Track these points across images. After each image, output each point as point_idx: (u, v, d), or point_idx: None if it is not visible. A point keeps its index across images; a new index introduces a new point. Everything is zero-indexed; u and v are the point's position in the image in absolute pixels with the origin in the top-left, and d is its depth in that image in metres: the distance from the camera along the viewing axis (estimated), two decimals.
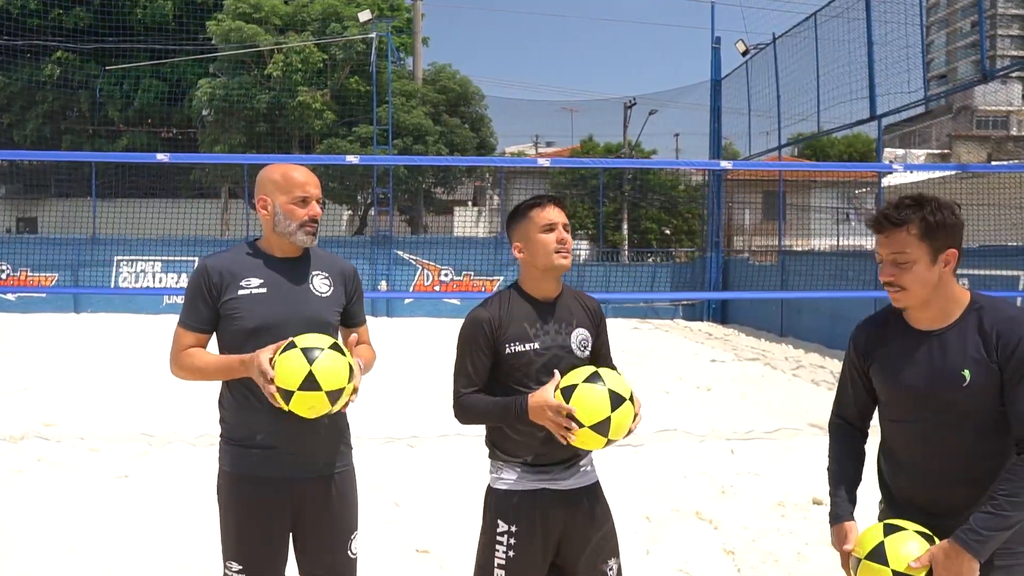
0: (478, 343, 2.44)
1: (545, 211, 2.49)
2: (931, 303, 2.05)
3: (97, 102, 25.10)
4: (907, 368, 2.06)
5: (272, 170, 2.53)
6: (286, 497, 2.45)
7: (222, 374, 2.43)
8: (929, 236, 1.99)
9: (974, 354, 1.97)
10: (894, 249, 2.02)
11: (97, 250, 18.17)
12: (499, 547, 2.41)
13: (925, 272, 2.00)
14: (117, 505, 4.95)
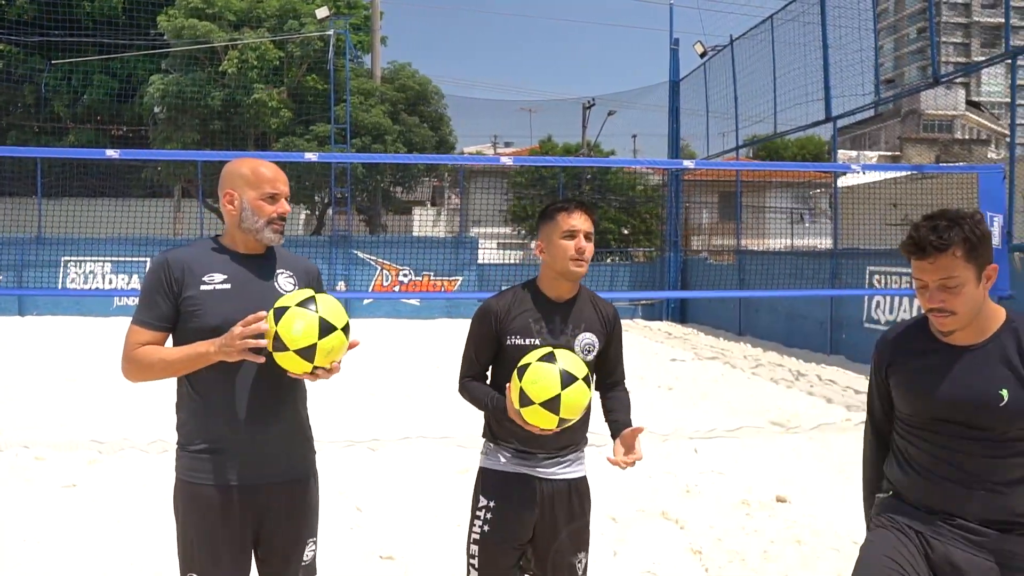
0: (483, 332, 2.59)
1: (571, 217, 2.56)
2: (972, 322, 2.01)
3: (42, 97, 24.31)
4: (940, 383, 2.02)
5: (240, 164, 2.43)
6: (247, 504, 2.34)
7: (189, 364, 2.27)
8: (973, 255, 1.93)
9: (1013, 371, 1.95)
10: (942, 275, 1.94)
11: (43, 250, 17.58)
12: (477, 521, 2.57)
13: (974, 292, 1.95)
14: (64, 516, 4.74)
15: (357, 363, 11.03)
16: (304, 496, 2.46)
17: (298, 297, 2.23)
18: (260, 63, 21.74)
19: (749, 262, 16.09)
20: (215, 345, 2.21)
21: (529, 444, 2.53)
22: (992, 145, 44.34)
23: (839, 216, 13.78)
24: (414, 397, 8.70)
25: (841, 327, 12.34)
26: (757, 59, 15.52)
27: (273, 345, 2.18)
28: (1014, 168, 8.87)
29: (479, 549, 2.55)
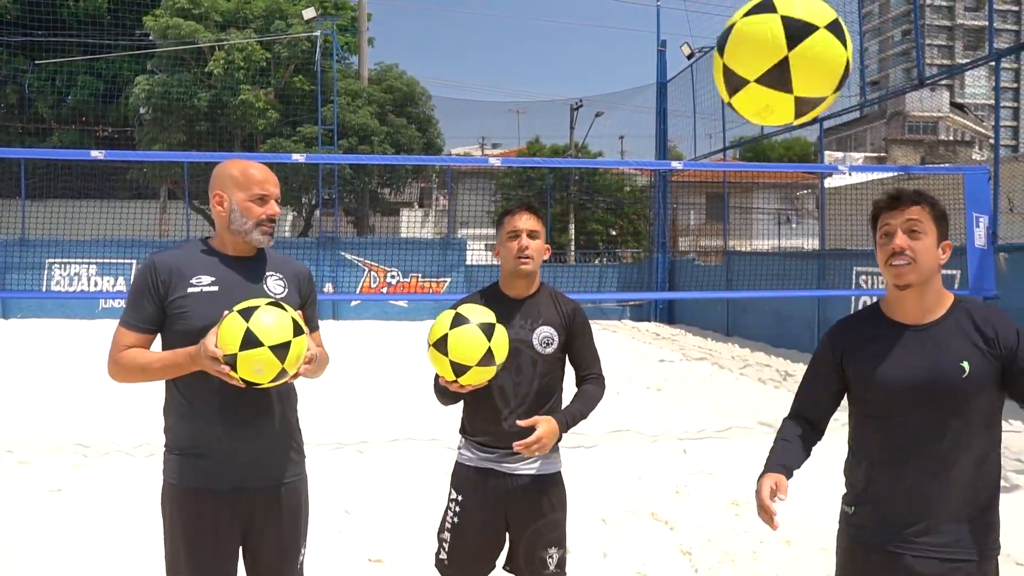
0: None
1: (514, 218, 2.72)
2: (926, 292, 2.05)
3: (26, 98, 24.10)
4: (899, 363, 2.04)
5: (230, 165, 2.42)
6: (235, 509, 2.33)
7: (167, 371, 2.27)
8: (938, 219, 2.05)
9: (972, 346, 1.99)
10: (910, 216, 2.03)
11: (27, 253, 17.42)
12: (449, 512, 2.72)
13: (932, 247, 2.03)
14: (49, 520, 4.69)
15: (346, 365, 11.00)
16: (291, 501, 2.44)
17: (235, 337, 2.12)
18: (247, 64, 21.65)
19: (736, 263, 16.16)
20: (189, 357, 2.20)
21: (492, 439, 2.66)
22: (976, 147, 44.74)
23: (825, 217, 13.85)
24: (403, 399, 8.67)
25: (828, 327, 12.38)
26: None
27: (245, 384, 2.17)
28: (998, 169, 8.94)
29: (450, 536, 2.69)
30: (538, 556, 2.66)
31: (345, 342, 14.11)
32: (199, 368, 2.19)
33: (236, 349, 2.11)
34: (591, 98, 27.65)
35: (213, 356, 2.12)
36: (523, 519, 2.66)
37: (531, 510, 2.67)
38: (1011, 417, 7.98)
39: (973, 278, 7.49)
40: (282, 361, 2.14)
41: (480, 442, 2.69)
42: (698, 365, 11.89)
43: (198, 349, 2.17)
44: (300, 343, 2.19)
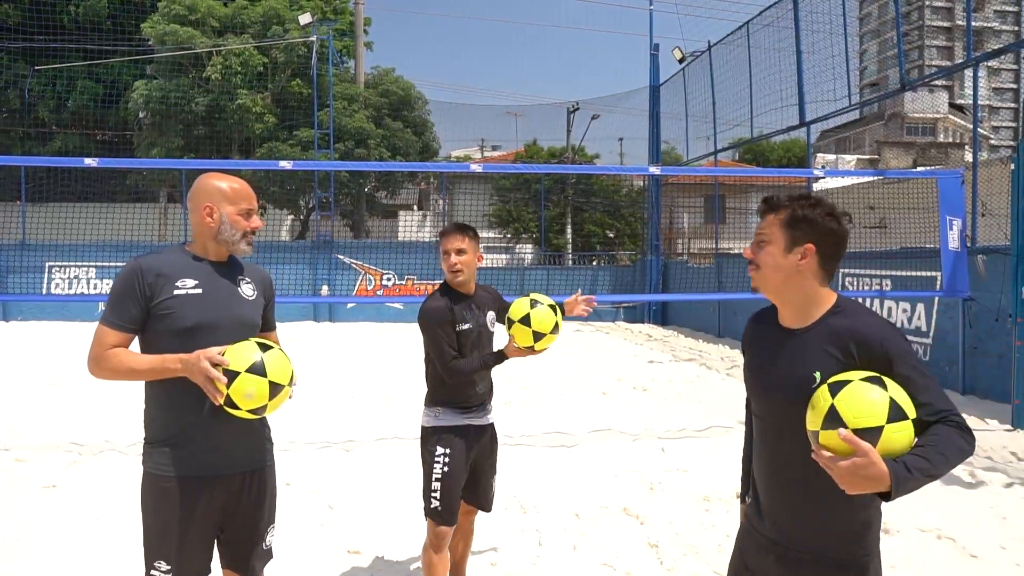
0: (445, 324, 3.37)
1: (445, 240, 3.45)
2: (787, 297, 2.07)
3: (26, 102, 24.33)
4: (767, 365, 2.09)
5: (217, 179, 2.61)
6: (211, 494, 2.51)
7: (156, 374, 2.44)
8: (790, 225, 2.03)
9: (827, 358, 1.95)
10: (760, 230, 2.10)
11: (27, 256, 17.63)
12: (436, 465, 3.38)
13: (777, 255, 2.04)
14: (43, 515, 4.87)
15: (338, 367, 11.18)
16: (263, 485, 2.64)
17: (246, 358, 2.37)
18: (244, 69, 21.85)
19: (727, 265, 16.32)
20: (182, 363, 2.38)
21: (469, 400, 3.45)
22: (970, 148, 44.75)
23: None
24: (393, 400, 8.84)
25: None
26: (734, 64, 15.76)
27: (225, 402, 2.36)
28: (976, 173, 9.11)
29: (440, 484, 3.36)
30: (491, 485, 3.64)
31: (339, 344, 14.28)
32: (188, 375, 2.37)
33: (242, 369, 2.34)
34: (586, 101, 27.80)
35: (216, 363, 2.32)
36: (484, 457, 3.56)
37: (490, 450, 3.60)
38: (987, 416, 8.15)
39: (947, 280, 7.66)
40: (270, 398, 2.38)
41: (461, 405, 3.44)
42: (687, 366, 12.05)
43: (195, 357, 2.35)
44: (286, 394, 2.45)
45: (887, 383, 1.83)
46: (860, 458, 1.72)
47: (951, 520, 4.98)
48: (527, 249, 27.90)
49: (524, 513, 5.04)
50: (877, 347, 1.91)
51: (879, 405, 1.78)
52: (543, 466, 6.14)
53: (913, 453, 1.76)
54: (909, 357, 1.90)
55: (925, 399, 1.85)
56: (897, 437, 1.77)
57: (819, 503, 1.96)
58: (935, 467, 1.75)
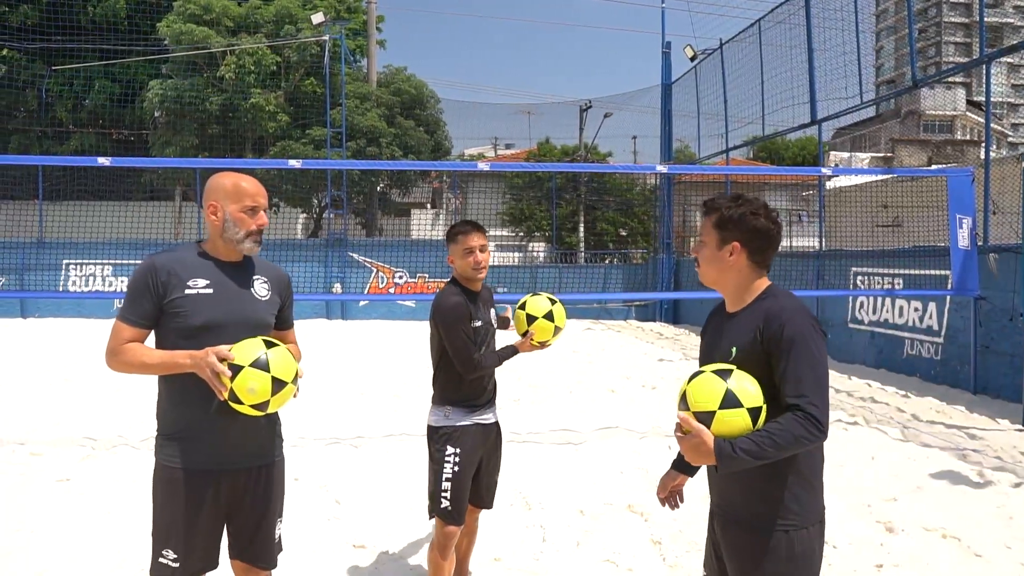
0: (465, 319, 3.39)
1: (468, 237, 3.46)
2: (724, 286, 2.36)
3: (43, 102, 24.61)
4: (709, 344, 2.41)
5: (223, 178, 2.66)
6: (222, 486, 2.58)
7: (166, 369, 2.51)
8: (719, 226, 2.32)
9: (746, 335, 2.22)
10: (700, 230, 2.41)
11: (44, 254, 17.84)
12: (447, 465, 3.40)
13: (710, 254, 2.34)
14: (56, 508, 4.96)
15: (349, 364, 11.26)
16: (271, 478, 2.70)
17: (251, 354, 2.44)
18: (257, 68, 22.00)
19: None
20: (191, 359, 2.45)
21: (477, 399, 3.49)
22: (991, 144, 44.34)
23: (823, 217, 13.96)
24: (403, 397, 8.90)
25: (825, 327, 12.51)
26: (746, 62, 15.71)
27: (230, 396, 2.43)
28: (988, 170, 9.05)
29: (451, 485, 3.38)
30: (494, 482, 3.68)
31: (351, 341, 14.38)
32: (196, 370, 2.44)
33: (245, 363, 2.41)
34: (598, 99, 27.77)
35: (222, 358, 2.38)
36: (490, 456, 3.60)
37: (495, 449, 3.64)
38: (998, 416, 8.12)
39: (956, 279, 7.62)
40: (272, 394, 2.44)
41: (471, 404, 3.47)
42: (696, 364, 12.02)
43: (203, 352, 2.42)
44: (290, 392, 2.50)
45: (735, 376, 2.15)
46: (695, 436, 2.11)
47: (957, 519, 4.98)
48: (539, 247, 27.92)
49: (529, 509, 5.08)
50: (776, 327, 2.16)
51: (715, 393, 2.11)
52: (549, 463, 6.18)
53: (747, 436, 2.07)
54: (797, 346, 2.13)
55: (788, 388, 2.12)
56: (729, 421, 2.10)
57: (742, 475, 2.18)
58: (762, 450, 2.05)
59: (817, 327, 2.19)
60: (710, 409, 2.11)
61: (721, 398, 2.11)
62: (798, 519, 2.17)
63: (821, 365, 2.15)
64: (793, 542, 2.16)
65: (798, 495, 2.18)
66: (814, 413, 2.08)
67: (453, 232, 3.51)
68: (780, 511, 2.17)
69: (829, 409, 2.18)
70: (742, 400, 2.11)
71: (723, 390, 2.12)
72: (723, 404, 2.10)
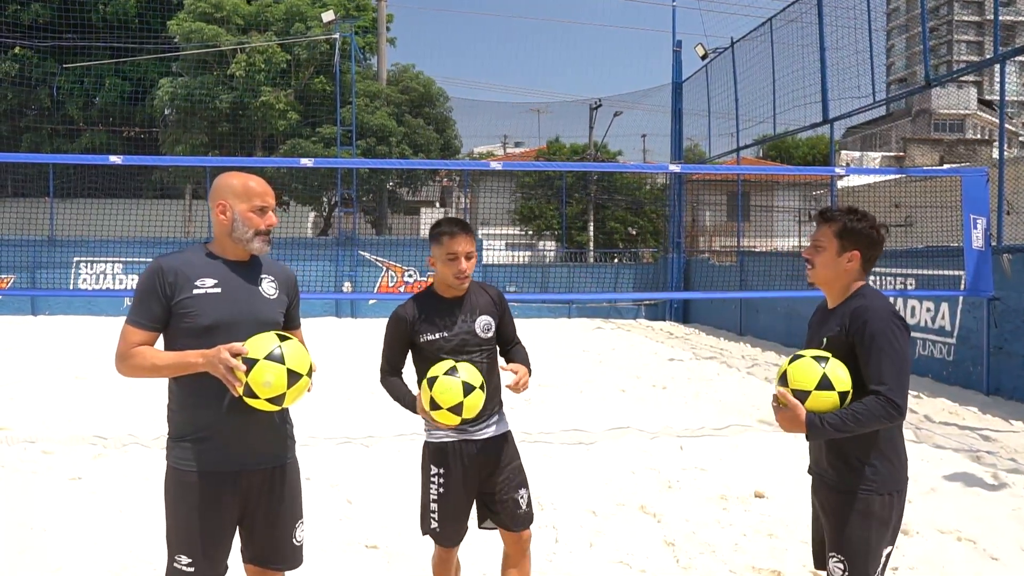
0: (398, 335, 3.14)
1: (453, 241, 3.03)
2: (831, 286, 2.72)
3: (55, 100, 24.72)
4: (809, 336, 2.80)
5: (231, 178, 2.64)
6: (235, 489, 2.56)
7: (178, 370, 2.49)
8: (841, 236, 2.67)
9: (835, 327, 2.64)
10: (816, 236, 2.73)
11: (55, 251, 17.91)
12: (432, 486, 3.12)
13: (829, 259, 2.68)
14: (68, 506, 4.97)
15: (359, 363, 11.26)
16: (284, 480, 2.68)
17: (266, 347, 2.43)
18: (267, 66, 22.04)
19: (750, 263, 16.21)
20: (203, 357, 2.43)
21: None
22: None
23: None
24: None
25: None
26: (757, 61, 15.64)
27: (244, 391, 2.41)
28: (1003, 171, 8.97)
29: (438, 506, 3.12)
30: (511, 498, 3.15)
31: (360, 340, 14.38)
32: (208, 369, 2.42)
33: (260, 357, 2.40)
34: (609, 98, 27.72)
35: (235, 353, 2.38)
36: (494, 469, 3.14)
37: (499, 461, 3.15)
38: (1012, 418, 8.05)
39: (970, 280, 7.56)
40: (288, 386, 2.43)
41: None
42: (707, 364, 12.00)
43: (216, 350, 2.40)
44: (305, 385, 2.49)
45: (830, 362, 2.55)
46: (790, 409, 2.54)
47: (972, 521, 4.93)
48: (549, 246, 27.88)
49: (541, 510, 5.05)
50: (860, 323, 2.55)
51: (813, 376, 2.53)
52: (560, 463, 6.15)
53: (834, 412, 2.50)
54: (880, 339, 2.51)
55: (871, 377, 2.52)
56: (821, 400, 2.52)
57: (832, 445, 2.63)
58: (845, 424, 2.48)
59: (899, 322, 2.56)
60: (807, 389, 2.53)
61: (817, 380, 2.52)
62: (875, 485, 2.57)
63: (900, 356, 2.52)
64: (871, 504, 2.56)
65: (876, 466, 2.58)
66: (893, 398, 2.48)
67: (437, 232, 3.08)
68: (860, 478, 2.58)
69: (908, 395, 2.56)
70: (834, 384, 2.52)
71: (819, 374, 2.53)
72: (818, 386, 2.52)
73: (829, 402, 2.51)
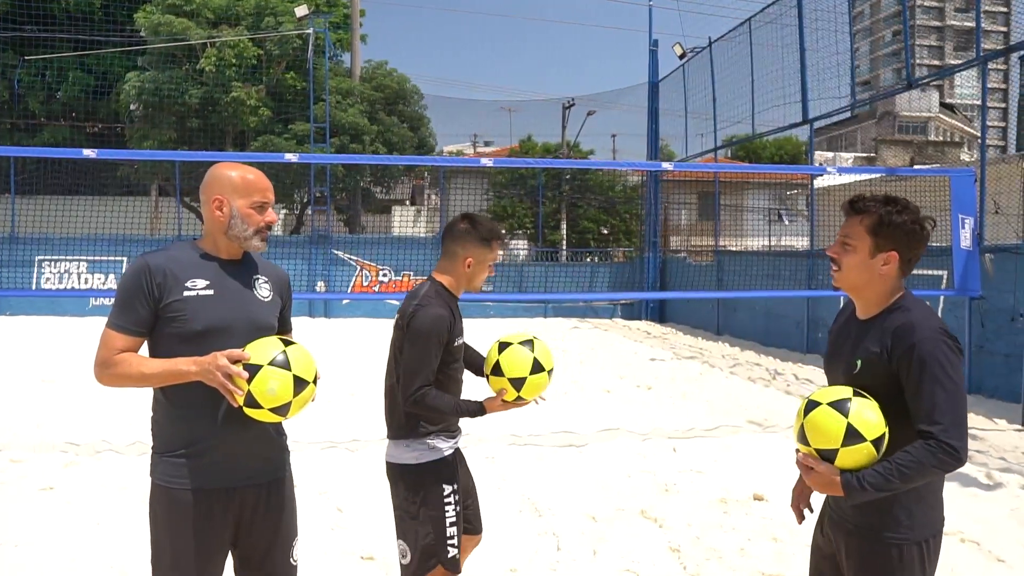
0: (442, 339, 2.76)
1: (499, 249, 2.96)
2: (863, 293, 2.21)
3: (15, 94, 23.97)
4: (834, 351, 2.30)
5: (227, 169, 2.41)
6: (227, 507, 2.35)
7: (168, 379, 2.26)
8: (875, 232, 2.14)
9: (873, 348, 2.12)
10: (845, 232, 2.20)
11: (17, 250, 17.32)
12: (448, 508, 2.80)
13: (861, 260, 2.16)
14: (41, 519, 4.71)
15: (337, 364, 11.02)
16: (281, 496, 2.48)
17: (269, 352, 2.23)
18: (238, 61, 21.59)
19: (727, 262, 16.23)
20: (197, 365, 2.21)
21: (457, 423, 2.95)
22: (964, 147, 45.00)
23: (815, 217, 13.94)
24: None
25: (817, 327, 12.50)
26: (735, 61, 15.65)
27: (246, 401, 2.21)
28: (984, 171, 9.03)
29: (457, 529, 2.83)
30: (477, 503, 3.09)
31: (336, 341, 14.12)
32: (203, 378, 2.20)
33: (264, 363, 2.20)
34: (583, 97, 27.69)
35: (235, 359, 2.18)
36: (468, 478, 3.05)
37: (469, 470, 3.08)
38: (995, 416, 8.09)
39: (958, 279, 7.58)
40: (294, 394, 2.24)
41: (451, 430, 2.91)
42: (688, 364, 11.95)
43: (211, 357, 2.19)
44: (311, 393, 2.31)
45: (854, 406, 2.05)
46: (819, 472, 2.07)
47: (972, 523, 4.89)
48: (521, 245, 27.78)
49: (540, 516, 4.91)
50: (906, 346, 2.05)
51: (836, 429, 2.04)
52: (554, 467, 6.02)
53: (874, 468, 2.01)
54: (932, 367, 2.01)
55: (920, 414, 2.02)
56: (853, 456, 2.04)
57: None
58: (889, 482, 2.00)
59: (952, 345, 2.06)
60: (833, 447, 2.06)
61: (843, 435, 2.04)
62: (909, 532, 2.11)
63: (956, 387, 2.03)
64: (903, 554, 2.10)
65: (909, 508, 2.11)
66: (949, 441, 1.99)
67: (490, 235, 2.90)
68: (889, 523, 2.11)
69: (967, 434, 2.07)
70: (864, 433, 2.04)
71: (843, 426, 2.04)
72: (845, 440, 2.04)
73: (863, 455, 2.04)
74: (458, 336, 2.87)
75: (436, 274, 2.92)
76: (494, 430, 6.84)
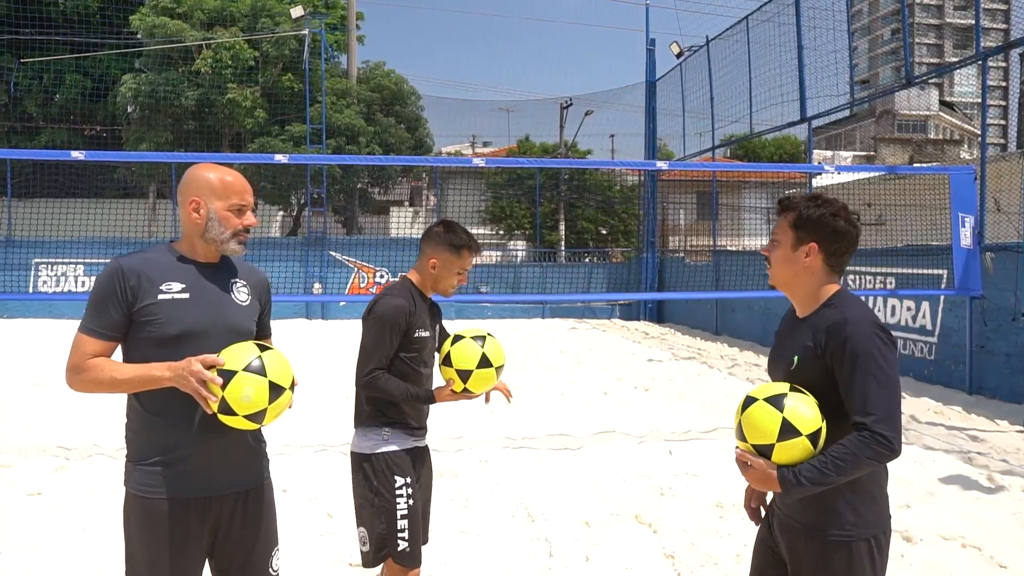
0: (397, 328, 2.91)
1: (471, 258, 3.06)
2: (794, 290, 2.28)
3: (12, 96, 23.92)
4: (776, 350, 2.36)
5: (206, 171, 2.35)
6: (203, 516, 2.29)
7: (141, 384, 2.21)
8: (796, 226, 2.22)
9: (808, 344, 2.16)
10: (774, 230, 2.30)
11: (13, 253, 17.26)
12: (399, 499, 2.88)
13: (784, 254, 2.24)
14: (28, 525, 4.64)
15: (332, 366, 10.95)
16: (260, 504, 2.42)
17: (244, 358, 2.18)
18: (234, 62, 21.54)
19: (725, 262, 16.16)
20: (171, 371, 2.16)
21: (419, 421, 3.04)
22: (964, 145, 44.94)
23: None
24: None
25: None
26: (733, 60, 15.59)
27: (220, 407, 2.15)
28: (984, 169, 8.96)
29: (408, 522, 2.88)
30: (428, 513, 3.17)
31: (332, 342, 14.06)
32: (176, 383, 2.15)
33: (238, 368, 2.15)
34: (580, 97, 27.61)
35: (210, 364, 2.13)
36: (428, 484, 3.16)
37: (430, 476, 3.17)
38: (997, 417, 8.02)
39: (959, 277, 7.51)
40: (270, 401, 2.19)
41: (413, 426, 3.01)
42: (687, 364, 11.88)
43: (185, 362, 2.14)
44: (287, 400, 2.25)
45: (789, 401, 2.08)
46: (756, 468, 2.09)
47: (974, 527, 4.82)
48: (519, 246, 27.70)
49: (532, 521, 4.84)
50: (838, 340, 2.08)
51: (771, 425, 2.06)
52: (547, 470, 5.95)
53: (811, 462, 2.03)
54: (865, 360, 2.04)
55: (854, 406, 2.05)
56: (789, 451, 2.06)
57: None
58: (825, 476, 2.01)
59: (885, 338, 2.10)
60: (768, 442, 2.08)
61: (778, 430, 2.07)
62: (855, 529, 2.11)
63: (889, 378, 2.06)
64: (851, 553, 2.10)
65: (853, 504, 2.12)
66: (883, 432, 2.01)
67: (460, 243, 3.02)
68: (835, 520, 2.12)
69: (901, 425, 2.08)
70: (799, 428, 2.06)
71: (778, 421, 2.07)
72: (780, 435, 2.07)
73: (799, 450, 2.05)
74: (419, 328, 2.96)
75: (409, 272, 3.12)
76: (488, 433, 6.77)
